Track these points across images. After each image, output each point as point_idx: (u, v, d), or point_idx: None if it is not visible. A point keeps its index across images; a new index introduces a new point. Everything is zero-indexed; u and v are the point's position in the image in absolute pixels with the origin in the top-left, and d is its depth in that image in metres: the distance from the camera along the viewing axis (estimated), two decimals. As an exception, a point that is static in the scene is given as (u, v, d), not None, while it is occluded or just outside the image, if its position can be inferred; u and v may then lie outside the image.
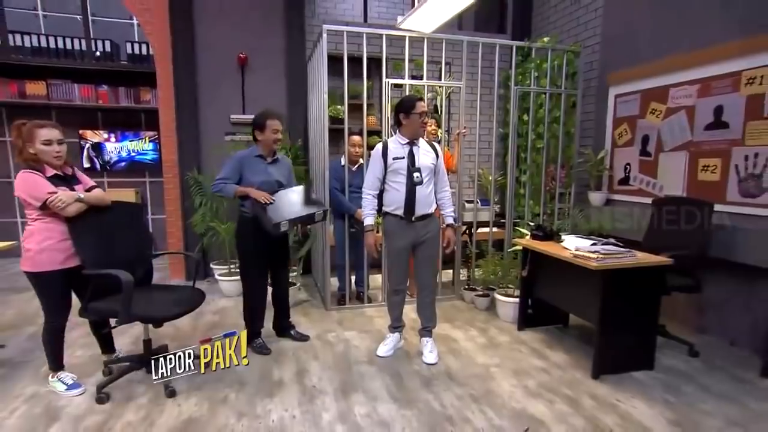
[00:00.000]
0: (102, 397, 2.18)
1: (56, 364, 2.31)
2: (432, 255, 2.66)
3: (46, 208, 2.06)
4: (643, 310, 2.48)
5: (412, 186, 2.49)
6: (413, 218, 2.54)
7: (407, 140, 2.53)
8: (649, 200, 3.19)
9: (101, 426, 1.97)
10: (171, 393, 2.22)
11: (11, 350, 2.75)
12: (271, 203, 2.54)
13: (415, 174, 2.50)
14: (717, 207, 2.69)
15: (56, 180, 2.13)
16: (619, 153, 3.72)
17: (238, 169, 2.62)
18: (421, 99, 2.56)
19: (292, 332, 2.98)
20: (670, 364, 2.57)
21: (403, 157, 2.50)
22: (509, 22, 4.97)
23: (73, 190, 2.17)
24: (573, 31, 4.24)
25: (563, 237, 2.85)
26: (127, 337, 2.88)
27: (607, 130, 3.82)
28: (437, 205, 2.66)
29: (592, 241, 2.60)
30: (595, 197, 3.78)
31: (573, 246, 2.59)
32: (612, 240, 2.62)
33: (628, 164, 3.62)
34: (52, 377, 2.29)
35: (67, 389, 2.24)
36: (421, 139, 2.59)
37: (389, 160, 2.51)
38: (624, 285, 2.40)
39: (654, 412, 2.11)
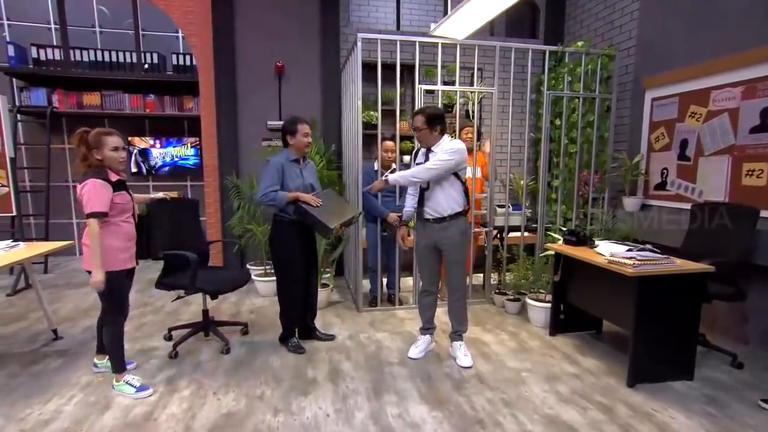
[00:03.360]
0: (174, 353, 2.68)
1: (122, 366, 2.32)
2: (457, 260, 2.66)
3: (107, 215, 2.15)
4: (682, 318, 2.40)
5: (420, 189, 2.67)
6: (425, 219, 2.66)
7: (425, 148, 2.67)
8: (687, 206, 3.09)
9: (148, 416, 2.06)
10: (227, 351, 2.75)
11: (68, 342, 2.93)
12: (320, 206, 2.60)
13: None
14: (763, 213, 2.59)
15: (119, 186, 2.20)
16: (655, 157, 3.61)
17: (281, 174, 2.62)
18: (418, 113, 2.59)
19: (318, 333, 2.99)
20: (712, 375, 2.48)
21: (422, 162, 2.65)
22: (541, 27, 4.91)
23: (129, 193, 2.27)
24: (607, 35, 4.15)
25: (597, 242, 2.80)
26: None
27: (642, 134, 3.72)
28: None
29: (628, 247, 2.54)
30: (630, 202, 3.68)
31: (607, 252, 2.53)
32: (648, 246, 2.54)
33: (665, 169, 3.51)
34: (118, 381, 2.28)
35: (136, 391, 2.24)
36: (438, 144, 2.61)
37: (412, 165, 2.74)
38: (661, 292, 2.34)
39: (693, 424, 2.04)
